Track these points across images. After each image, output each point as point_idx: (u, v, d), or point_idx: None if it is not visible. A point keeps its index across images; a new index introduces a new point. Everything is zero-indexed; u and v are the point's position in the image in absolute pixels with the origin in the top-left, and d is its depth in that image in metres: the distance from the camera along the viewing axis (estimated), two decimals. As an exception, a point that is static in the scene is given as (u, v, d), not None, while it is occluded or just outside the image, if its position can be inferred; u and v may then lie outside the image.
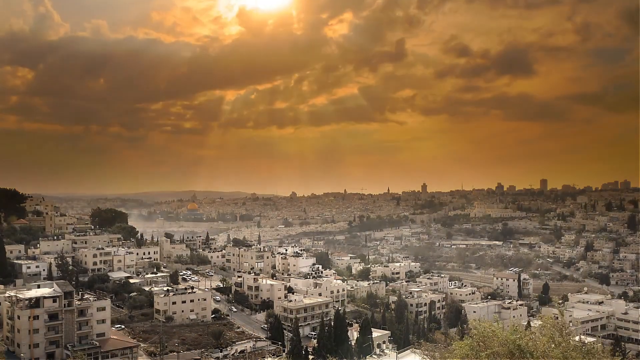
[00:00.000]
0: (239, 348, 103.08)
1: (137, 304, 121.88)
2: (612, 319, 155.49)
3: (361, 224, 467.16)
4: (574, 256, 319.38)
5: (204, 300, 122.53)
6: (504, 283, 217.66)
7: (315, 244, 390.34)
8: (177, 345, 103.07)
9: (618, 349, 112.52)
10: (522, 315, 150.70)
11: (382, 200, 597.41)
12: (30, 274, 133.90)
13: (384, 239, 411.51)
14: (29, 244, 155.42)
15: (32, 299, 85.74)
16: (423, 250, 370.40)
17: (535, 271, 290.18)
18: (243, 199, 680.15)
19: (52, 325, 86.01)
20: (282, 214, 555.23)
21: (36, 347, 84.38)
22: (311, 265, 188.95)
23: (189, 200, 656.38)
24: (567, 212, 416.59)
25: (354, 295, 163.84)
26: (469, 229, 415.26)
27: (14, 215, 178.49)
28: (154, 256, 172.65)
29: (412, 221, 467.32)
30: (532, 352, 24.45)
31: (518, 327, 27.34)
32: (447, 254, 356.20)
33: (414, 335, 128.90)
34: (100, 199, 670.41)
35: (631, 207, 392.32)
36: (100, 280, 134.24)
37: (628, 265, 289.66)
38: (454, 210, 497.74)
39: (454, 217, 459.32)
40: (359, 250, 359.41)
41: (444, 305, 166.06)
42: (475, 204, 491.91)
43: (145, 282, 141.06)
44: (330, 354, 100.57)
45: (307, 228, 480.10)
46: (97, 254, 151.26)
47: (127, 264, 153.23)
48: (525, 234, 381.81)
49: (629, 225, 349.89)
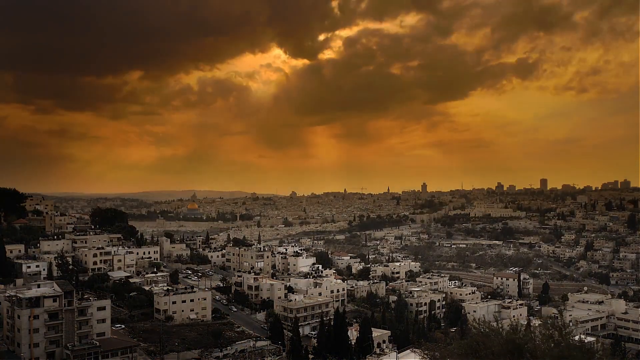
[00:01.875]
0: (239, 348, 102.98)
1: (137, 303, 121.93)
2: (612, 319, 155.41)
3: (361, 223, 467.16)
4: (574, 256, 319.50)
5: (204, 300, 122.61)
6: (504, 282, 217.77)
7: (315, 243, 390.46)
8: (177, 344, 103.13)
9: (618, 348, 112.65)
10: (522, 315, 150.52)
11: (382, 200, 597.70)
12: (31, 273, 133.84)
13: (384, 239, 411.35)
14: (29, 244, 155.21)
15: (32, 298, 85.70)
16: (423, 249, 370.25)
17: (535, 271, 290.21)
18: (243, 198, 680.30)
19: (52, 324, 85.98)
20: (282, 214, 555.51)
21: (36, 347, 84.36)
22: (311, 264, 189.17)
23: (189, 200, 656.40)
24: (567, 212, 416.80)
25: (353, 295, 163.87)
26: (469, 228, 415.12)
27: (14, 215, 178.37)
28: (154, 256, 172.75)
29: (412, 221, 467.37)
30: (532, 352, 24.49)
31: (518, 327, 27.35)
32: (447, 254, 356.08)
33: (414, 335, 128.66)
34: (100, 198, 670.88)
35: (631, 206, 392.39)
36: (100, 280, 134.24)
37: (628, 265, 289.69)
38: (454, 210, 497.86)
39: (454, 217, 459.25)
40: (359, 249, 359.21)
41: (444, 304, 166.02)
42: (475, 204, 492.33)
43: (145, 281, 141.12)
44: (330, 353, 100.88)
45: (307, 228, 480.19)
46: (97, 253, 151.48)
47: (127, 264, 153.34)
48: (525, 234, 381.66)
49: (629, 225, 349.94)
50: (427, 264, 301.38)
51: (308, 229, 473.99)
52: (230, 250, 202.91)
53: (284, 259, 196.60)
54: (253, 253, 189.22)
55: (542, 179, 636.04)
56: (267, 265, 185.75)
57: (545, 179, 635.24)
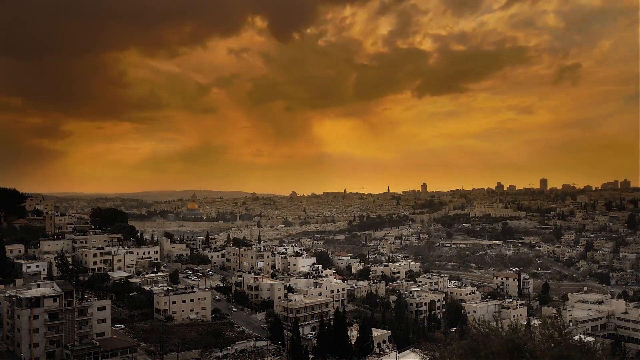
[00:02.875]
0: (239, 347, 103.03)
1: (137, 303, 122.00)
2: (612, 319, 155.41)
3: (361, 223, 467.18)
4: (574, 256, 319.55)
5: (204, 300, 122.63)
6: (504, 282, 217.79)
7: (315, 243, 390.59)
8: (177, 344, 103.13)
9: (618, 348, 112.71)
10: (522, 315, 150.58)
11: (382, 200, 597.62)
12: (31, 273, 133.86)
13: (384, 239, 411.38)
14: (29, 244, 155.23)
15: (32, 298, 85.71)
16: (423, 249, 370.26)
17: (535, 271, 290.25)
18: (243, 198, 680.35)
19: (52, 324, 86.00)
20: (282, 214, 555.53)
21: (36, 347, 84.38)
22: (311, 264, 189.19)
23: (189, 200, 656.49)
24: (567, 212, 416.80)
25: (353, 295, 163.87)
26: (469, 228, 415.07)
27: (14, 215, 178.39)
28: (154, 256, 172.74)
29: (412, 221, 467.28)
30: (532, 352, 24.48)
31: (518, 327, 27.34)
32: (447, 254, 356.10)
33: (414, 335, 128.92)
34: (100, 198, 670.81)
35: (631, 206, 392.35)
36: (101, 280, 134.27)
37: (628, 264, 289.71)
38: (454, 210, 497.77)
39: (454, 217, 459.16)
40: (359, 249, 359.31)
41: (444, 304, 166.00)
42: (475, 204, 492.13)
43: (145, 281, 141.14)
44: (330, 353, 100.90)
45: (307, 228, 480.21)
46: (97, 253, 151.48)
47: (127, 264, 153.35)
48: (525, 234, 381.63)
49: (629, 224, 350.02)
50: (427, 264, 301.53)
51: (308, 229, 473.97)
52: (230, 250, 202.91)
53: (284, 259, 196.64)
54: (253, 253, 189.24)
55: (542, 179, 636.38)
56: (267, 265, 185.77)
57: (545, 179, 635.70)
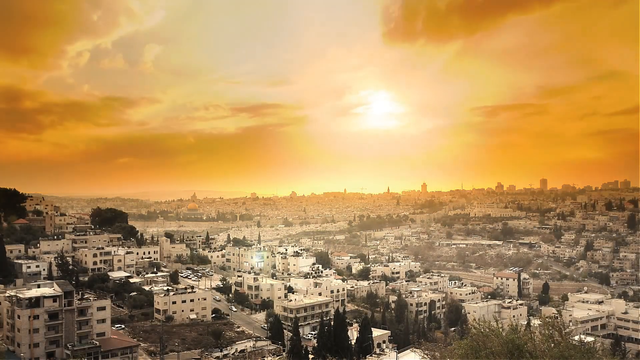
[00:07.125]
0: (239, 347, 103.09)
1: (137, 303, 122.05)
2: (612, 319, 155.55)
3: (361, 223, 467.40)
4: (574, 256, 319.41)
5: (204, 300, 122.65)
6: (504, 283, 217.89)
7: (315, 243, 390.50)
8: (177, 344, 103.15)
9: (618, 348, 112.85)
10: (522, 315, 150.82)
11: (382, 200, 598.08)
12: (30, 273, 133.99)
13: (384, 239, 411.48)
14: (29, 244, 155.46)
15: (32, 298, 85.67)
16: (423, 249, 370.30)
17: (535, 271, 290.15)
18: (243, 199, 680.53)
19: (52, 324, 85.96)
20: (282, 214, 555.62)
21: (36, 347, 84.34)
22: (311, 264, 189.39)
23: (189, 200, 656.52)
24: (567, 212, 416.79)
25: (353, 295, 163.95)
26: (469, 228, 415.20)
27: (14, 215, 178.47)
28: (154, 256, 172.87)
29: (412, 221, 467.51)
30: (532, 352, 24.50)
31: (518, 327, 27.38)
32: (447, 254, 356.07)
33: (414, 335, 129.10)
34: (100, 198, 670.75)
35: (631, 206, 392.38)
36: (101, 280, 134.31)
37: (628, 264, 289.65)
38: (453, 209, 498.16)
39: (453, 217, 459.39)
40: (358, 249, 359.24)
41: (444, 304, 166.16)
42: (475, 204, 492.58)
43: (145, 281, 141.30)
44: (330, 353, 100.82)
45: (307, 228, 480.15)
46: (97, 253, 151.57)
47: (127, 264, 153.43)
48: (525, 234, 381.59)
49: (628, 224, 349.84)
50: (427, 264, 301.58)
51: (308, 229, 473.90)
52: (230, 250, 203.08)
53: (284, 259, 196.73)
54: (253, 253, 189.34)
55: (542, 179, 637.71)
56: (267, 266, 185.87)
57: (545, 179, 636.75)
